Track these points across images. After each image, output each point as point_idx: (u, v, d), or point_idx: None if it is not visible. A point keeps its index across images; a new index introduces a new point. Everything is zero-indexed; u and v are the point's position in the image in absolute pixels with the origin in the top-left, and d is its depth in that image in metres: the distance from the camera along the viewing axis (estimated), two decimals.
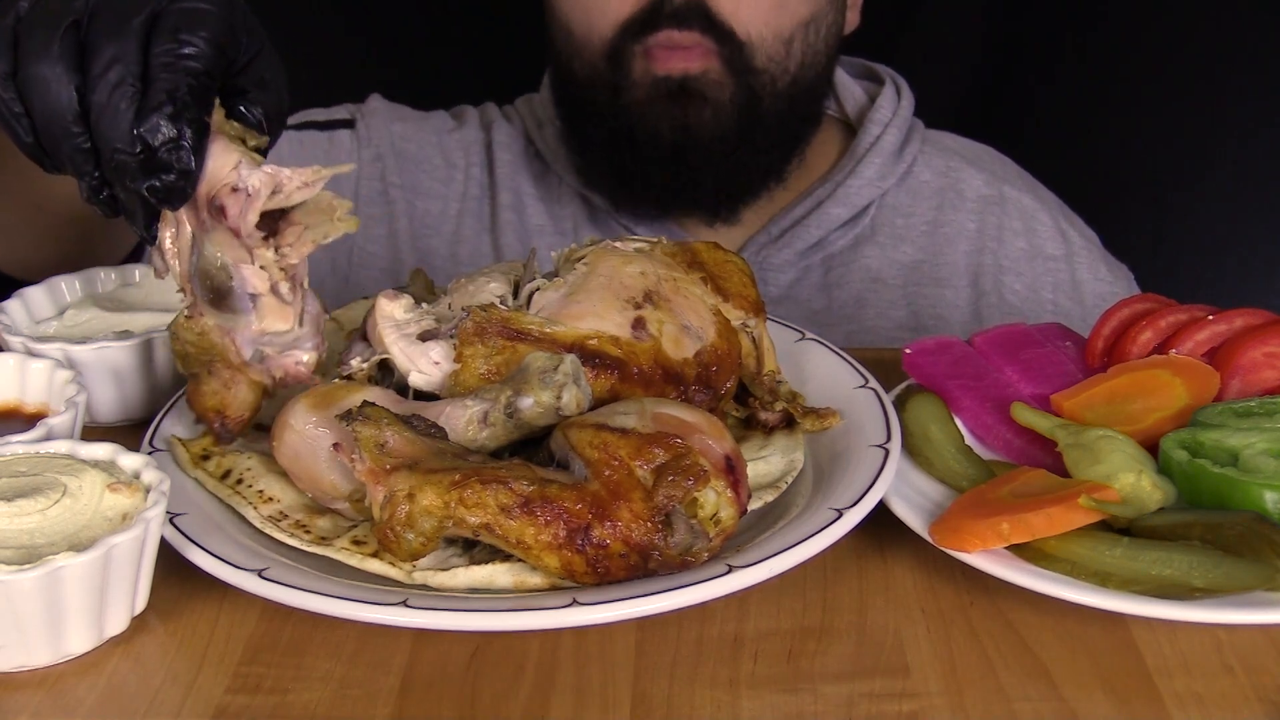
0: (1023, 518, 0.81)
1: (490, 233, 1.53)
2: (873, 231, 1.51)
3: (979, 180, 1.55)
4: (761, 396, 0.95)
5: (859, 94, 1.57)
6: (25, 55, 0.80)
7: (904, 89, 1.57)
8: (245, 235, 0.83)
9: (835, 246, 1.50)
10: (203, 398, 0.90)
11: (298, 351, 0.89)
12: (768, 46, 1.36)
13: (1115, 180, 2.03)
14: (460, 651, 0.78)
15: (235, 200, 0.82)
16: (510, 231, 1.52)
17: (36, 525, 0.76)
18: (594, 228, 1.50)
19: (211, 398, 0.89)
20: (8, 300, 1.06)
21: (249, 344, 0.87)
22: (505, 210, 1.53)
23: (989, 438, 0.97)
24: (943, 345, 1.05)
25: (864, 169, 1.49)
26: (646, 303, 0.90)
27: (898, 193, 1.53)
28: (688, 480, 0.77)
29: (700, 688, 0.75)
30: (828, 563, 0.85)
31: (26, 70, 0.80)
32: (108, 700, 0.74)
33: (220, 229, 0.83)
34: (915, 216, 1.52)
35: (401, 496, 0.77)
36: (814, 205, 1.48)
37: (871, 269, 1.48)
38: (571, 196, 1.52)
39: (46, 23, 0.81)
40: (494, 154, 1.56)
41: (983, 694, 0.74)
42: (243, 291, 0.85)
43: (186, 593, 0.82)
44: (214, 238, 0.83)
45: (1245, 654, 0.77)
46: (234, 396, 0.89)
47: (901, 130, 1.52)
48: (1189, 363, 0.95)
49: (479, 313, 0.87)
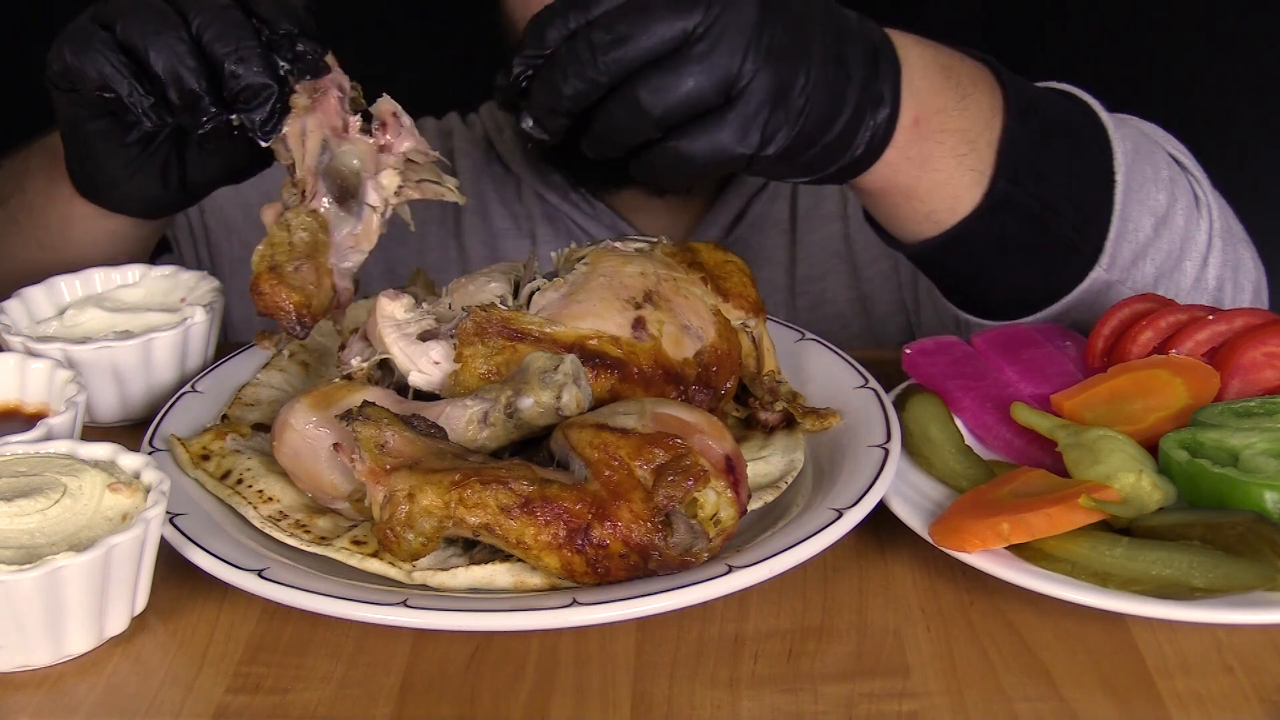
0: (1023, 518, 0.81)
1: (455, 238, 1.55)
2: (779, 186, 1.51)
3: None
4: (761, 396, 0.95)
5: None
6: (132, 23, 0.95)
7: None
8: (394, 154, 0.95)
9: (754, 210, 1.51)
10: (290, 290, 0.91)
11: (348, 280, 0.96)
12: None
13: None
14: (460, 651, 0.78)
15: (395, 125, 0.95)
16: (474, 235, 1.54)
17: (36, 525, 0.76)
18: (550, 226, 1.52)
19: (300, 291, 0.91)
20: (8, 300, 1.06)
21: (336, 250, 0.94)
22: (469, 215, 1.55)
23: (989, 438, 0.97)
24: (943, 345, 1.04)
25: None
26: (646, 303, 0.90)
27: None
28: (688, 480, 0.77)
29: (700, 688, 0.75)
30: (828, 563, 0.85)
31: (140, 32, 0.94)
32: (108, 700, 0.74)
33: (364, 141, 0.95)
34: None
35: (401, 496, 0.77)
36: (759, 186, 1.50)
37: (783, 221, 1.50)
38: (530, 196, 1.54)
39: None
40: (455, 160, 1.57)
41: (983, 694, 0.74)
42: (363, 199, 0.94)
43: (186, 593, 0.82)
44: (355, 147, 0.94)
45: (1245, 654, 0.77)
46: (320, 293, 0.92)
47: None
48: (1189, 363, 0.95)
49: (479, 313, 0.87)
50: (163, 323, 1.04)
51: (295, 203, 0.94)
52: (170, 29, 0.95)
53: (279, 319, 0.92)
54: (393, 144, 0.95)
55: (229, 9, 0.95)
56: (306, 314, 0.91)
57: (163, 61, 0.95)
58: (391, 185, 0.95)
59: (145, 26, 0.95)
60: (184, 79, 0.95)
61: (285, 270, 0.91)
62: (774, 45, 0.88)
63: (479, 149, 1.59)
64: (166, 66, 0.95)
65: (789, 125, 0.90)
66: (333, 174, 0.94)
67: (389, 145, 0.95)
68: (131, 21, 0.96)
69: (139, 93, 0.97)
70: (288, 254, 0.92)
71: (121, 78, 0.96)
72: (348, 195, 0.94)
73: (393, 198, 0.96)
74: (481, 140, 1.59)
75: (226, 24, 0.95)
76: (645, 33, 0.86)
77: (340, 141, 0.94)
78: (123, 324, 1.05)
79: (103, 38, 0.97)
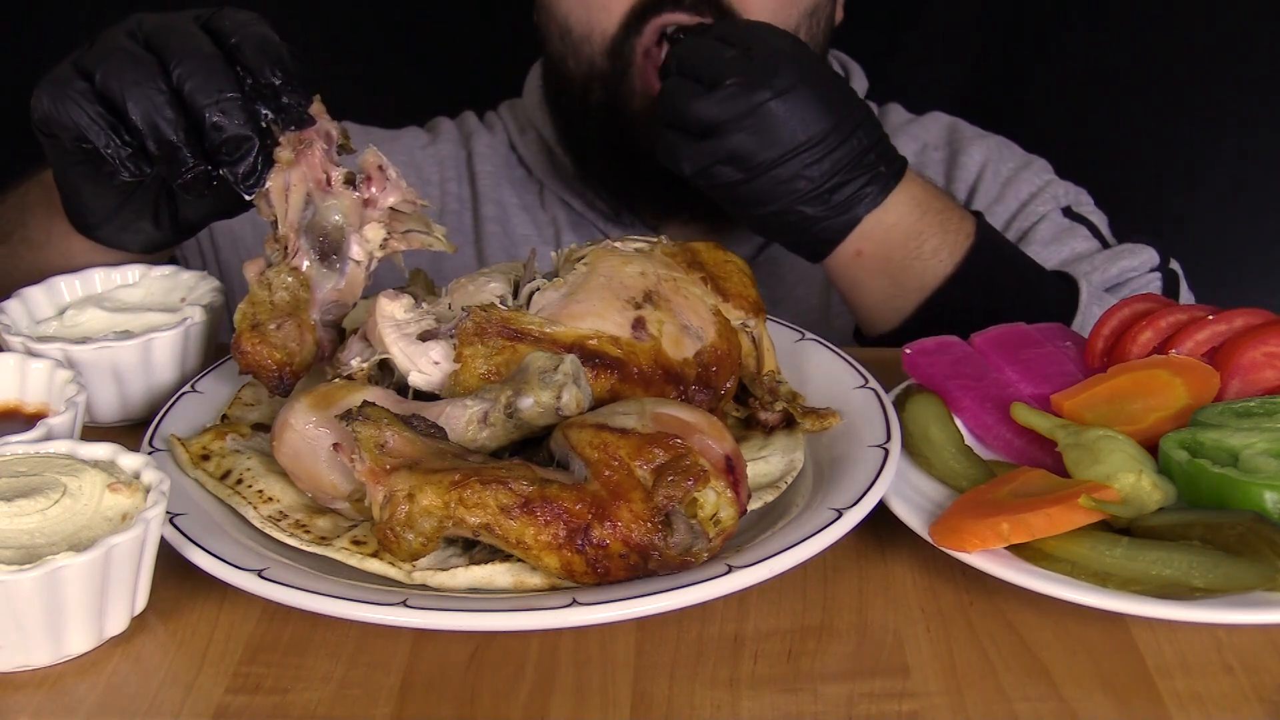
0: (1023, 518, 0.81)
1: (474, 245, 1.53)
2: None
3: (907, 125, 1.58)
4: (761, 396, 0.95)
5: None
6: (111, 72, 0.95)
7: (854, 71, 1.57)
8: (379, 209, 0.95)
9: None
10: (271, 349, 0.92)
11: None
12: None
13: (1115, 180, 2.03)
14: (460, 651, 0.78)
15: (380, 178, 0.95)
16: (495, 243, 1.52)
17: (36, 525, 0.76)
18: (576, 234, 1.50)
19: (281, 350, 0.92)
20: (8, 300, 1.06)
21: (319, 306, 0.94)
22: (489, 222, 1.52)
23: (989, 438, 0.97)
24: (943, 345, 1.04)
25: None
26: (646, 303, 0.90)
27: None
28: (688, 480, 0.77)
29: (700, 688, 0.75)
30: (828, 563, 0.85)
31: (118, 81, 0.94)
32: (108, 700, 0.74)
33: (348, 196, 0.94)
34: None
35: (401, 496, 0.77)
36: None
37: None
38: (553, 202, 1.52)
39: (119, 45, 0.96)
40: (475, 166, 1.55)
41: (983, 694, 0.74)
42: (346, 255, 0.95)
43: (186, 593, 0.82)
44: (339, 202, 0.94)
45: (1245, 654, 0.77)
46: (302, 351, 0.93)
47: None
48: (1189, 363, 0.95)
49: (479, 313, 0.87)
50: (163, 323, 1.04)
51: (278, 259, 0.94)
52: (149, 79, 0.94)
53: (261, 377, 0.93)
54: (378, 198, 0.95)
55: (212, 58, 0.95)
56: (289, 371, 0.92)
57: (140, 112, 0.94)
58: (376, 239, 0.95)
59: (124, 76, 0.95)
60: (162, 130, 0.94)
61: (267, 329, 0.92)
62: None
63: (499, 153, 1.56)
64: (144, 117, 0.94)
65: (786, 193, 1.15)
66: (316, 230, 0.94)
67: (374, 200, 0.95)
68: (110, 70, 0.95)
69: (115, 144, 0.96)
70: (269, 312, 0.92)
71: (98, 129, 0.96)
72: (330, 251, 0.94)
73: (378, 250, 0.96)
74: (502, 143, 1.57)
75: (209, 74, 0.94)
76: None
77: (325, 196, 0.94)
78: (123, 324, 1.05)
79: (81, 87, 0.96)
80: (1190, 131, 2.00)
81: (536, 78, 1.54)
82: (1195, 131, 2.00)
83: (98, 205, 1.07)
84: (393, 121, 1.62)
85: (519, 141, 1.54)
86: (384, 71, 2.04)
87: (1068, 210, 1.48)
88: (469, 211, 1.54)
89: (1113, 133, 2.03)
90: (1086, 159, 2.03)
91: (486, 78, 1.72)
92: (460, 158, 1.57)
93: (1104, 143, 2.03)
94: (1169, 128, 2.01)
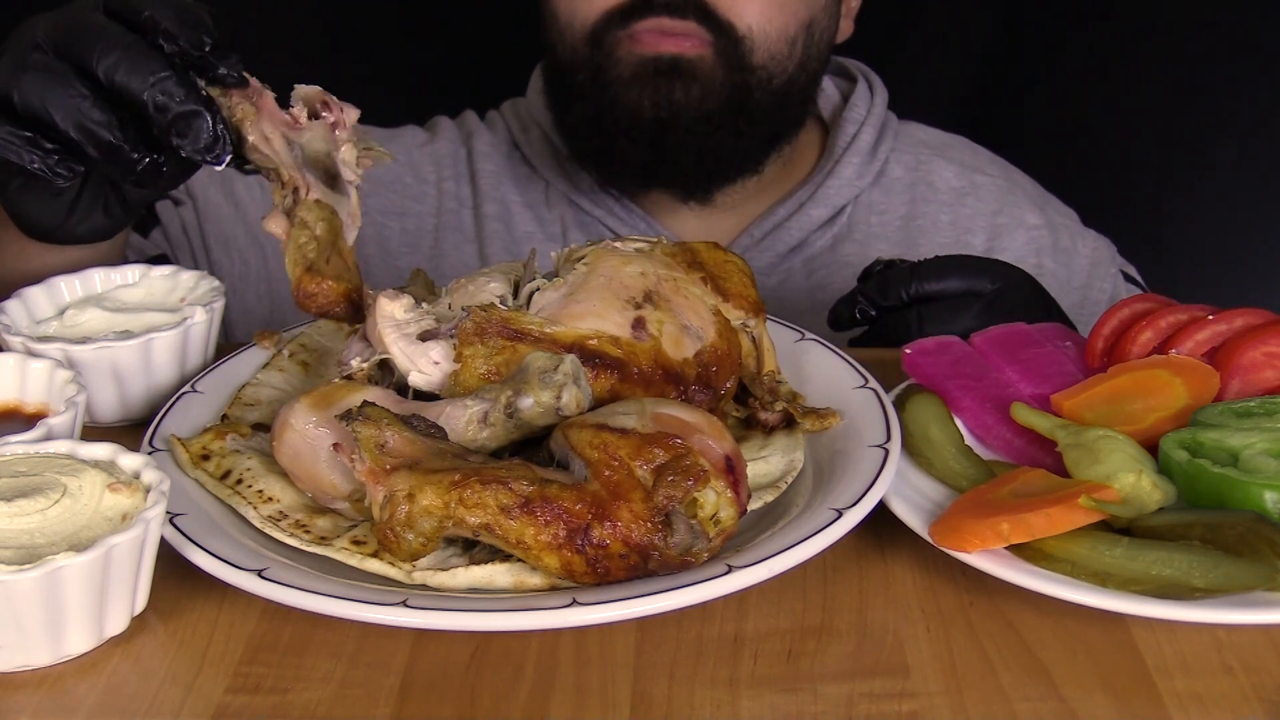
0: (1023, 518, 0.81)
1: (475, 244, 1.53)
2: (849, 230, 1.51)
3: (950, 172, 1.56)
4: (761, 396, 0.95)
5: (832, 92, 1.58)
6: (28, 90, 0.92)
7: (876, 85, 1.57)
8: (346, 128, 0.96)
9: (815, 248, 1.51)
10: (334, 282, 0.92)
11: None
12: (770, 44, 1.37)
13: (1116, 181, 2.03)
14: (460, 651, 0.78)
15: (333, 103, 0.97)
16: (497, 241, 1.52)
17: (36, 525, 0.76)
18: (582, 232, 1.50)
19: (342, 280, 0.92)
20: (8, 300, 1.06)
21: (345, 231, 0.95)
22: (491, 221, 1.52)
23: (989, 438, 0.97)
24: (943, 345, 1.04)
25: (842, 169, 1.50)
26: (646, 303, 0.90)
27: (872, 191, 1.53)
28: (688, 480, 0.77)
29: (700, 688, 0.75)
30: (828, 563, 0.85)
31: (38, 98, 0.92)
32: (108, 700, 0.74)
33: (320, 125, 0.96)
34: (889, 213, 1.53)
35: (401, 496, 0.77)
36: (796, 207, 1.49)
37: (853, 267, 1.49)
38: (559, 200, 1.51)
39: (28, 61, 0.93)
40: (475, 165, 1.55)
41: (983, 694, 0.74)
42: (344, 178, 0.96)
43: (186, 593, 0.82)
44: (316, 133, 0.95)
45: (1245, 654, 0.77)
46: (353, 275, 0.94)
47: (876, 128, 1.53)
48: (1189, 363, 0.95)
49: (479, 312, 0.87)
50: (163, 323, 1.04)
51: (291, 203, 0.94)
52: (63, 85, 0.92)
53: (334, 315, 0.93)
54: (343, 118, 0.97)
55: (133, 44, 0.92)
56: (357, 296, 0.93)
57: (71, 120, 0.92)
58: (353, 158, 0.97)
59: (39, 89, 0.92)
60: (97, 134, 0.92)
61: (321, 266, 0.92)
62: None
63: (501, 151, 1.56)
64: (76, 125, 0.92)
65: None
66: (313, 162, 0.95)
67: (340, 121, 0.96)
68: (26, 87, 0.93)
69: (40, 157, 0.94)
70: (316, 249, 0.92)
71: (24, 149, 0.94)
72: (331, 178, 0.96)
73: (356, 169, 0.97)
74: (504, 142, 1.57)
75: (134, 60, 0.91)
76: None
77: (300, 132, 0.95)
78: (123, 324, 1.05)
79: None
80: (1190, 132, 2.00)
81: (540, 77, 1.54)
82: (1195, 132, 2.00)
83: (44, 212, 1.06)
84: (396, 121, 1.62)
85: (522, 140, 1.54)
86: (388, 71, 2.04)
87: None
88: (469, 210, 1.54)
89: (1113, 133, 2.03)
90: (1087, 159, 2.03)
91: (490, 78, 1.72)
92: (459, 156, 1.57)
93: (1104, 143, 2.04)
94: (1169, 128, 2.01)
